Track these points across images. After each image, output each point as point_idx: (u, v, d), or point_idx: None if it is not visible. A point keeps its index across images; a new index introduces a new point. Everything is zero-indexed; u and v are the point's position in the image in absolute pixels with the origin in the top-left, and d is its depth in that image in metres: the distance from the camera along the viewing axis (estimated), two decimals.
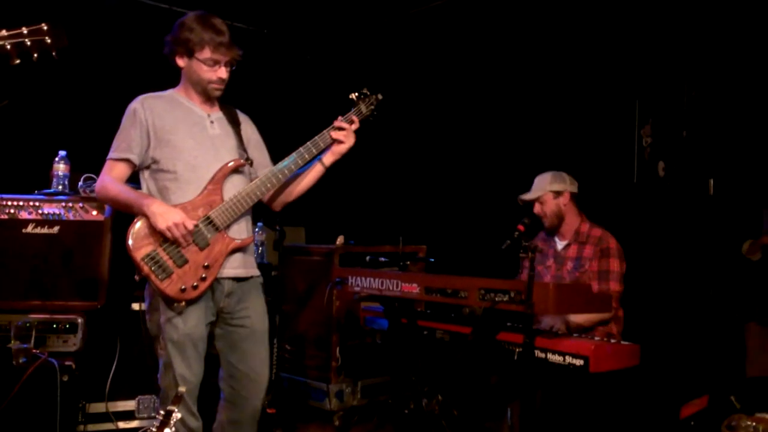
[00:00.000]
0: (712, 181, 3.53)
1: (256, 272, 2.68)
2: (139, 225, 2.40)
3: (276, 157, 2.74)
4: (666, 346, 3.40)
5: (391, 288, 2.88)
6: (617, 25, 3.86)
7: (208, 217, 2.46)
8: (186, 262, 2.41)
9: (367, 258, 3.86)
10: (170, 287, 2.38)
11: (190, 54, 2.51)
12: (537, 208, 3.26)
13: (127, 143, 2.49)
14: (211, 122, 2.61)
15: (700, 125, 3.61)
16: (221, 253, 2.48)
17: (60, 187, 3.43)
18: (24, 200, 3.28)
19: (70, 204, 3.31)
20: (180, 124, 2.54)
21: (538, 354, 2.55)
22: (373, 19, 5.08)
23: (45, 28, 2.02)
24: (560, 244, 3.31)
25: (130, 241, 2.38)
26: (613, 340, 2.72)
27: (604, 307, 2.84)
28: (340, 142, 2.66)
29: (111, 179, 2.48)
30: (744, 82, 3.46)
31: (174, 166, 2.49)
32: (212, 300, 2.52)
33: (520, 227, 2.87)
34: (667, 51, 3.70)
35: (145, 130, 2.49)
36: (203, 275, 2.43)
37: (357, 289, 3.05)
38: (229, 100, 2.84)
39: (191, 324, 2.45)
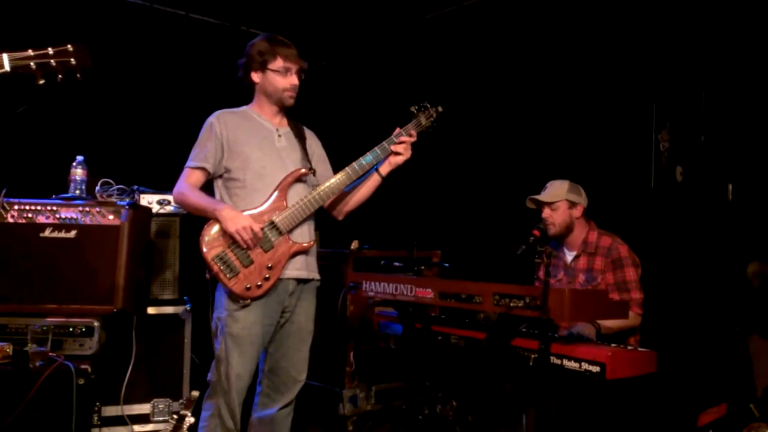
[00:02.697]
0: (730, 186, 3.49)
1: (317, 276, 2.87)
2: (211, 228, 2.64)
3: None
4: (683, 352, 3.36)
5: (405, 293, 2.87)
6: (634, 29, 3.83)
7: (273, 222, 2.67)
8: (252, 262, 2.63)
9: (382, 263, 3.86)
10: (237, 285, 2.60)
11: (263, 67, 2.76)
12: (547, 213, 3.18)
13: (204, 153, 2.73)
14: (279, 135, 2.83)
15: (718, 129, 3.56)
16: (284, 256, 2.68)
17: (77, 191, 3.45)
18: (41, 205, 3.30)
19: (87, 208, 3.33)
20: (251, 138, 2.76)
21: (554, 360, 2.53)
22: (387, 24, 5.08)
23: (70, 49, 2.06)
24: (569, 255, 3.25)
25: (203, 243, 2.62)
26: (630, 347, 2.68)
27: (621, 312, 2.80)
28: (398, 153, 2.84)
29: (188, 185, 2.72)
30: (763, 85, 3.41)
31: (243, 175, 2.72)
32: (277, 300, 2.70)
33: (536, 232, 2.86)
34: (685, 54, 3.66)
35: (219, 142, 2.73)
36: (267, 275, 2.64)
37: (371, 293, 3.05)
38: (245, 103, 2.89)
39: (251, 320, 2.64)
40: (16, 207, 3.27)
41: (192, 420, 1.73)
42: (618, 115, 3.92)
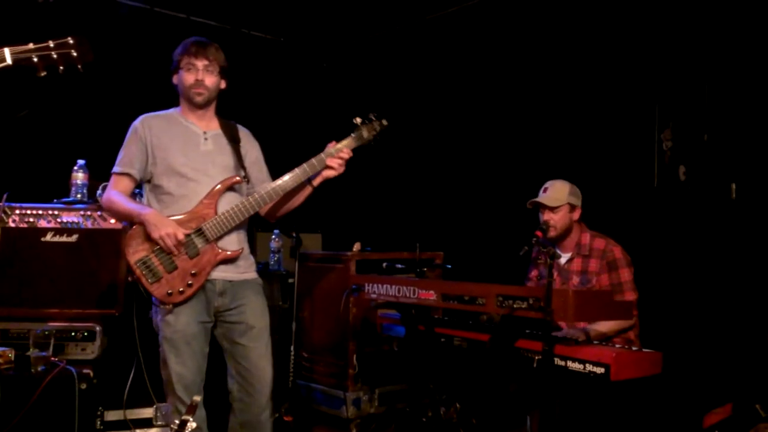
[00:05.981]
0: (734, 186, 3.47)
1: (251, 276, 2.84)
2: (136, 233, 2.63)
3: (286, 163, 2.81)
4: (688, 353, 3.34)
5: (407, 295, 2.86)
6: (636, 28, 3.82)
7: (200, 229, 2.65)
8: (175, 268, 2.62)
9: (384, 265, 3.85)
10: (158, 290, 2.61)
11: (176, 69, 2.76)
12: (548, 216, 3.16)
13: (128, 159, 2.73)
14: (205, 139, 2.78)
15: (721, 128, 3.55)
16: (209, 263, 2.67)
17: (78, 195, 3.46)
18: (43, 209, 3.31)
19: (89, 213, 3.34)
20: (174, 142, 2.73)
21: (558, 362, 2.51)
22: (389, 25, 5.08)
23: (71, 41, 2.09)
24: (563, 258, 3.23)
25: (126, 247, 2.63)
26: (634, 348, 2.67)
27: (625, 314, 2.79)
28: (331, 168, 2.76)
29: (116, 192, 2.71)
30: (767, 83, 3.39)
31: (167, 181, 2.70)
32: (206, 300, 2.70)
33: (538, 233, 2.85)
34: (687, 53, 3.65)
35: (143, 147, 2.72)
36: (190, 282, 2.63)
37: (374, 296, 3.04)
38: (247, 108, 2.88)
39: (182, 322, 2.65)
40: (17, 211, 3.28)
41: (194, 425, 1.72)
42: (621, 115, 3.91)
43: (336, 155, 2.75)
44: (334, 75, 5.52)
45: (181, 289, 2.62)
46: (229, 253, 2.70)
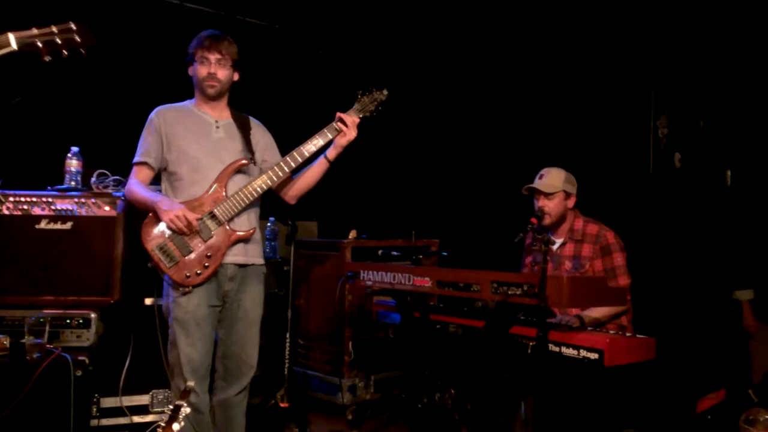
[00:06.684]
0: (729, 172, 3.48)
1: (259, 261, 2.93)
2: (151, 220, 2.74)
3: (282, 150, 2.88)
4: (682, 339, 3.36)
5: (403, 282, 2.87)
6: (632, 15, 3.81)
7: (212, 212, 2.75)
8: (191, 251, 2.72)
9: (380, 252, 3.86)
10: (176, 273, 2.70)
11: (191, 61, 2.85)
12: (543, 202, 3.14)
13: (145, 149, 2.85)
14: (217, 127, 2.88)
15: (717, 115, 3.55)
16: (224, 244, 2.76)
17: (73, 183, 3.44)
18: (37, 196, 3.30)
19: (83, 200, 3.33)
20: (187, 131, 2.84)
21: (552, 348, 2.53)
22: (385, 12, 5.05)
23: (73, 27, 2.10)
24: (555, 243, 3.23)
25: (143, 234, 2.72)
26: (628, 334, 2.68)
27: (618, 300, 2.80)
28: (343, 134, 2.84)
29: (135, 182, 2.84)
30: (762, 71, 3.39)
31: (180, 168, 2.81)
32: (217, 284, 2.78)
33: (533, 220, 2.86)
34: (683, 40, 3.64)
35: (159, 137, 2.83)
36: (206, 264, 2.73)
37: (369, 283, 3.06)
38: (242, 96, 2.89)
39: (194, 304, 2.74)
40: (11, 199, 3.27)
41: (188, 410, 1.72)
42: (616, 102, 3.91)
43: (346, 119, 2.83)
44: (329, 62, 5.49)
45: (198, 271, 2.71)
46: (241, 233, 2.79)
